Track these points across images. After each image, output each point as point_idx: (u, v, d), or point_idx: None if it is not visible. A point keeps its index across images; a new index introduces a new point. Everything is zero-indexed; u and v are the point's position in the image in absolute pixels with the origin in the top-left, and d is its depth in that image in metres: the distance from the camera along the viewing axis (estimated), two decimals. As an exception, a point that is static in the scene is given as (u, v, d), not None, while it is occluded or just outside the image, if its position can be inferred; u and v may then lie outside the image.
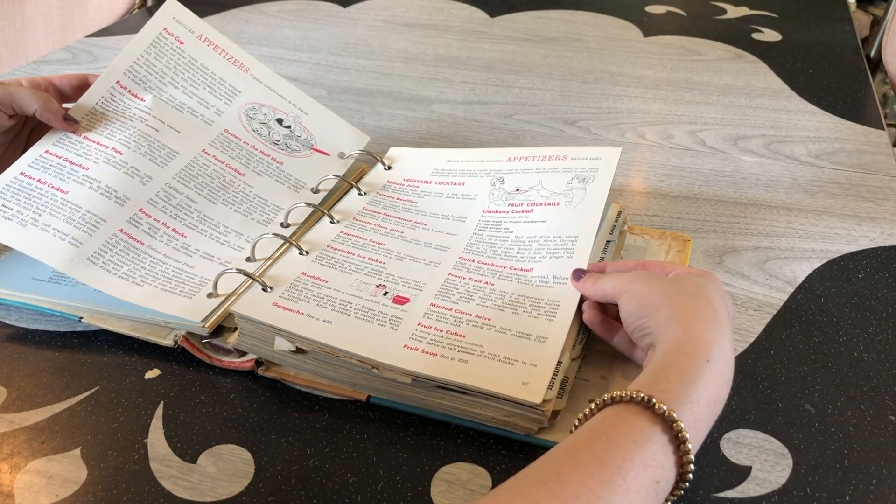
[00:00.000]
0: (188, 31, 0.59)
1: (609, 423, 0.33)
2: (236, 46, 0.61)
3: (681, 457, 0.32)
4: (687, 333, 0.36)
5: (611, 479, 0.30)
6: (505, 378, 0.40)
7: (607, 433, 0.32)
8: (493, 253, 0.50)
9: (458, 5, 1.11)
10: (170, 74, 0.57)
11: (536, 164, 0.56)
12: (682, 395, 0.33)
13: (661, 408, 0.32)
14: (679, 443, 0.32)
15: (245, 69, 0.61)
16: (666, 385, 0.33)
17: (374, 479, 0.39)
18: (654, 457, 0.31)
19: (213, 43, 0.60)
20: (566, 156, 0.56)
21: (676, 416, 0.32)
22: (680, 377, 0.34)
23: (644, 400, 0.33)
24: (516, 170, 0.56)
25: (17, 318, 0.50)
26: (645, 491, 0.31)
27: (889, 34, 1.08)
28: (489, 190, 0.56)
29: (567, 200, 0.52)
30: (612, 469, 0.30)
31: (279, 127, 0.60)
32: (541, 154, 0.57)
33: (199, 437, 0.41)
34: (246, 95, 0.60)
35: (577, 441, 0.32)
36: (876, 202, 0.62)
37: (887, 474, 0.39)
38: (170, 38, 0.58)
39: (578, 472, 0.30)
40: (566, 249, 0.49)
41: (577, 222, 0.50)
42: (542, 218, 0.52)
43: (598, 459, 0.31)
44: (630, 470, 0.30)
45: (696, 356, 0.35)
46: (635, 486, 0.30)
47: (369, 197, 0.57)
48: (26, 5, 1.17)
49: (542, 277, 0.48)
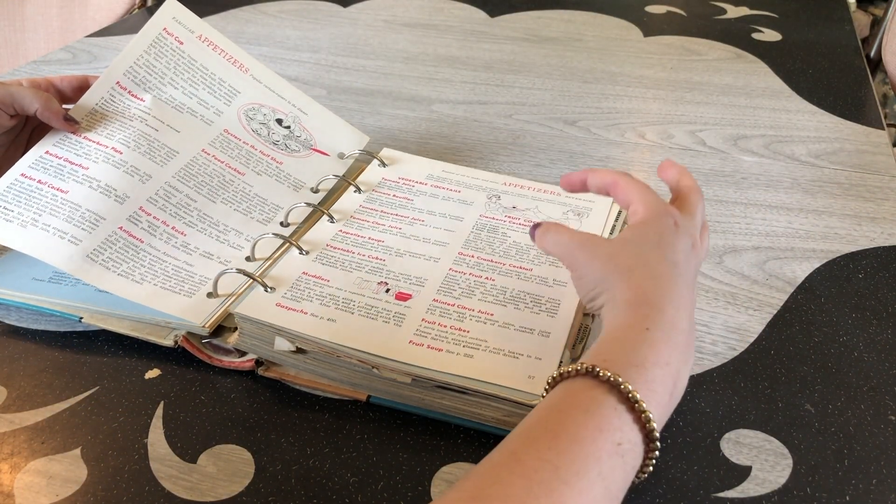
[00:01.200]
0: (188, 31, 0.59)
1: (559, 398, 0.33)
2: (236, 46, 0.61)
3: (639, 416, 0.32)
4: (626, 310, 0.36)
5: (567, 448, 0.30)
6: (511, 372, 0.41)
7: (558, 406, 0.32)
8: (492, 251, 0.51)
9: (458, 5, 1.11)
10: (169, 75, 0.57)
11: (531, 193, 0.58)
12: (624, 360, 0.33)
13: (606, 374, 0.32)
14: (632, 403, 0.32)
15: (245, 69, 0.61)
16: (608, 355, 0.34)
17: (374, 479, 0.39)
18: (607, 420, 0.31)
19: (213, 43, 0.60)
20: (560, 193, 0.58)
21: (622, 379, 0.32)
22: (620, 347, 0.34)
23: (588, 370, 0.33)
24: (511, 192, 0.58)
25: (17, 318, 0.50)
26: (607, 454, 0.30)
27: (889, 34, 1.08)
28: (485, 201, 0.57)
29: None
30: (567, 438, 0.30)
31: (279, 127, 0.60)
32: (535, 186, 0.59)
33: (199, 437, 0.41)
34: (245, 96, 0.60)
35: (530, 420, 0.33)
36: (876, 202, 0.62)
37: (887, 474, 0.39)
38: (169, 38, 0.58)
39: (535, 448, 0.30)
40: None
41: None
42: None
43: (552, 432, 0.31)
44: (585, 436, 0.30)
45: (635, 327, 0.35)
46: (594, 449, 0.30)
47: (366, 195, 0.57)
48: (26, 5, 1.17)
49: (542, 278, 0.48)
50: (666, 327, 0.35)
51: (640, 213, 0.41)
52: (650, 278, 0.37)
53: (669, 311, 0.36)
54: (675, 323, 0.35)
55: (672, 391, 0.34)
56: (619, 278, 0.37)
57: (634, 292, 0.36)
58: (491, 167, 0.68)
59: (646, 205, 0.41)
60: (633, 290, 0.37)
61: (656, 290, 0.36)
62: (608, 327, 0.36)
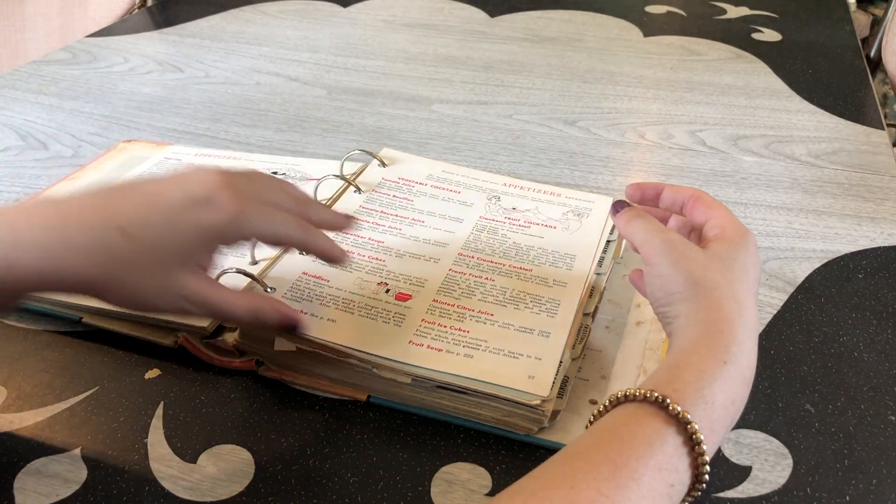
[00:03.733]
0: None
1: (622, 424, 0.32)
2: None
3: (695, 458, 0.31)
4: (707, 333, 0.35)
5: (625, 484, 0.29)
6: (511, 372, 0.41)
7: (621, 434, 0.32)
8: (492, 251, 0.51)
9: (458, 5, 1.11)
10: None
11: (531, 194, 0.58)
12: (697, 395, 0.32)
13: (676, 409, 0.31)
14: (693, 444, 0.31)
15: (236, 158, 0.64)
16: (681, 385, 0.33)
17: (374, 479, 0.39)
18: (668, 459, 0.31)
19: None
20: (560, 194, 0.58)
21: (691, 417, 0.31)
22: (696, 377, 0.33)
23: (658, 400, 0.32)
24: (511, 193, 0.58)
25: (17, 318, 0.50)
26: (659, 495, 0.30)
27: (889, 34, 1.08)
28: (485, 202, 0.57)
29: (564, 227, 0.54)
30: (626, 473, 0.30)
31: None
32: (535, 187, 0.58)
33: (199, 437, 0.41)
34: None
35: (590, 442, 0.32)
36: (876, 202, 0.62)
37: (887, 474, 0.39)
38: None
39: (592, 477, 0.29)
40: (566, 263, 0.50)
41: (575, 244, 0.52)
42: (541, 235, 0.53)
43: (612, 463, 0.30)
44: (644, 474, 0.30)
45: (714, 357, 0.34)
46: (649, 490, 0.30)
47: (365, 195, 0.57)
48: (26, 5, 1.17)
49: (542, 278, 0.48)
50: (743, 363, 0.34)
51: (727, 230, 0.40)
52: (734, 301, 0.36)
53: (748, 344, 0.35)
54: (751, 359, 0.35)
55: (729, 429, 0.34)
56: (704, 294, 0.36)
57: (718, 314, 0.35)
58: (491, 167, 0.68)
59: (733, 225, 0.40)
60: (717, 312, 0.35)
61: (739, 318, 0.35)
62: (683, 345, 0.35)
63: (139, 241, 0.36)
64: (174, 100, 0.81)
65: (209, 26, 1.03)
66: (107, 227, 0.36)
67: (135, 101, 0.81)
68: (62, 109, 0.79)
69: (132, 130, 0.75)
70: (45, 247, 0.35)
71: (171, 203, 0.37)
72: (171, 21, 1.05)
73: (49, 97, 0.82)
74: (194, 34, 1.00)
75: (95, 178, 0.63)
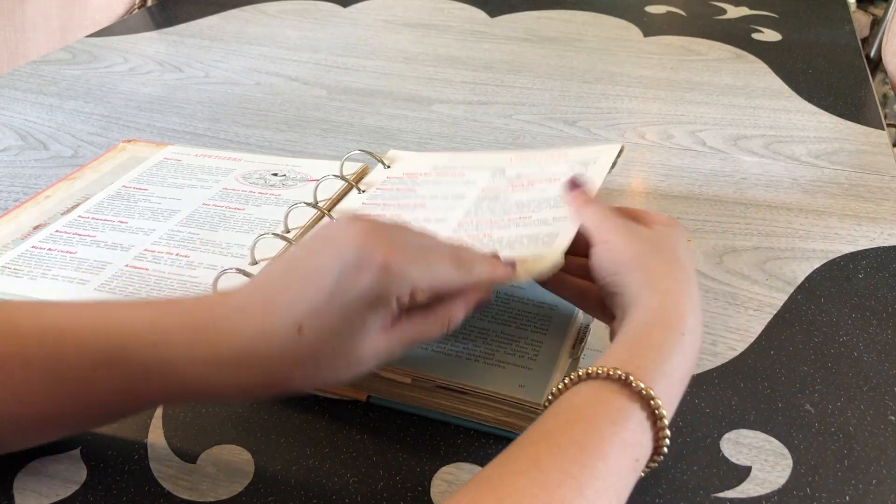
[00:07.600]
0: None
1: (586, 402, 0.32)
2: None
3: (657, 432, 0.32)
4: (663, 304, 0.36)
5: (592, 464, 0.29)
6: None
7: (585, 414, 0.32)
8: (492, 213, 0.49)
9: (458, 5, 1.11)
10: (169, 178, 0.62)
11: (536, 161, 0.55)
12: (659, 370, 0.33)
13: (639, 385, 0.32)
14: (656, 419, 0.32)
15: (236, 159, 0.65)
16: (642, 361, 0.33)
17: (374, 479, 0.39)
18: (633, 436, 0.31)
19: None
20: (567, 153, 0.55)
21: (654, 393, 0.32)
22: (657, 352, 0.34)
23: (622, 377, 0.32)
24: (516, 166, 0.56)
25: (17, 318, 0.50)
26: (626, 470, 0.31)
27: (889, 34, 1.08)
28: (489, 177, 0.55)
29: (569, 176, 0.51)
30: (592, 452, 0.30)
31: (274, 178, 0.62)
32: (540, 155, 0.56)
33: (199, 437, 0.41)
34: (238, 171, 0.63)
35: (554, 423, 0.32)
36: (876, 202, 0.62)
37: (887, 474, 0.39)
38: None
39: (559, 459, 0.30)
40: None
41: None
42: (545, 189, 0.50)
43: (578, 444, 0.30)
44: (610, 453, 0.30)
45: (672, 329, 0.35)
46: (616, 467, 0.30)
47: (368, 194, 0.57)
48: (26, 5, 1.17)
49: (543, 220, 0.46)
50: (697, 332, 0.35)
51: (659, 217, 0.42)
52: (682, 271, 0.38)
53: (698, 313, 0.36)
54: (701, 327, 0.36)
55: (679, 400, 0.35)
56: (657, 264, 0.38)
57: (672, 284, 0.37)
58: (491, 167, 0.67)
59: (661, 215, 0.42)
60: (671, 281, 0.37)
61: (688, 287, 0.37)
62: (641, 317, 0.35)
63: (315, 332, 0.33)
64: (174, 100, 0.81)
65: (209, 26, 1.03)
66: (288, 327, 0.33)
67: (135, 101, 0.81)
68: (62, 109, 0.79)
69: (132, 130, 0.75)
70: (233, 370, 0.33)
71: (330, 278, 0.33)
72: (170, 21, 1.05)
73: (49, 97, 0.82)
74: (194, 34, 1.00)
75: (95, 178, 0.63)
